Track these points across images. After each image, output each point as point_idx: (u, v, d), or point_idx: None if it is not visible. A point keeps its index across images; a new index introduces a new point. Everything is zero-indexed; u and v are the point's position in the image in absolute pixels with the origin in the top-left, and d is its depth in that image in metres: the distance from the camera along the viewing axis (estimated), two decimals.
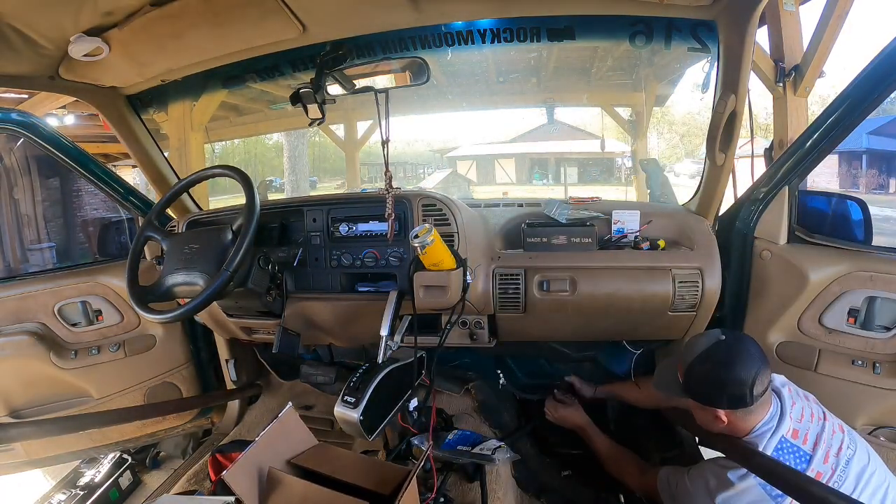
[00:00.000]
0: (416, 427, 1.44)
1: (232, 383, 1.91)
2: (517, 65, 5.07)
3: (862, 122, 1.12)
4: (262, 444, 1.03)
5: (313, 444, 1.12)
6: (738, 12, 1.13)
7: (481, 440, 1.46)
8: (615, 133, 10.32)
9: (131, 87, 1.61)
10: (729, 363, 1.02)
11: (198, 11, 1.21)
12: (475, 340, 1.49)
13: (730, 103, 1.21)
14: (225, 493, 1.25)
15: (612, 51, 4.50)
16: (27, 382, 1.66)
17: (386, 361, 1.28)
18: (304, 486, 0.98)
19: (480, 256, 1.39)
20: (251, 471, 0.99)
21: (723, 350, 1.04)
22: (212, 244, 1.27)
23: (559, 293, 1.39)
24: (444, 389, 1.79)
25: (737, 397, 1.00)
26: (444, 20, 1.37)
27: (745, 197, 1.38)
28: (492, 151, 14.39)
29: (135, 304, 1.27)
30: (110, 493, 1.75)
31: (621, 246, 1.44)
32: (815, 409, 1.08)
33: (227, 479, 0.95)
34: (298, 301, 1.48)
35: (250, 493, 0.97)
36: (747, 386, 0.99)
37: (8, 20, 1.12)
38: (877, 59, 1.01)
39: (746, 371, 0.99)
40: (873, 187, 6.94)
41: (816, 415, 1.07)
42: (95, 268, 1.72)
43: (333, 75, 1.25)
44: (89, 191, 2.00)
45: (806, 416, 1.05)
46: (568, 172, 13.28)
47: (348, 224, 1.46)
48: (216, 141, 7.66)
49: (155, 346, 1.76)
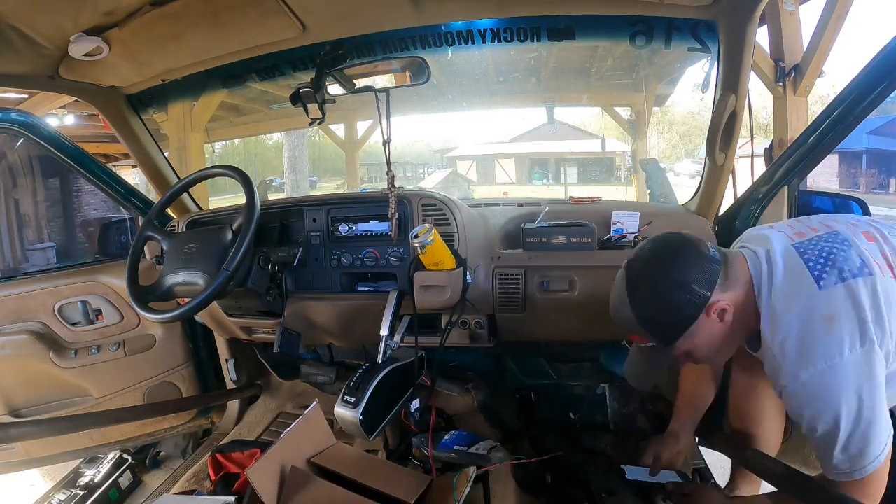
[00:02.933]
0: (417, 427, 1.44)
1: (232, 383, 1.91)
2: (517, 65, 5.08)
3: (862, 122, 1.12)
4: (287, 441, 1.03)
5: (333, 443, 1.12)
6: (738, 12, 1.14)
7: (478, 440, 1.46)
8: (615, 133, 10.33)
9: (131, 87, 1.61)
10: (662, 269, 0.86)
11: (198, 11, 1.21)
12: (475, 340, 1.49)
13: (730, 103, 1.21)
14: (225, 493, 1.26)
15: (612, 51, 4.51)
16: (27, 381, 1.66)
17: (386, 361, 1.28)
18: (330, 488, 0.97)
19: (480, 256, 1.39)
20: (274, 468, 0.99)
21: (642, 270, 0.88)
22: (212, 244, 1.27)
23: (559, 293, 1.39)
24: (444, 389, 1.79)
25: (701, 278, 0.82)
26: (444, 20, 1.37)
27: (745, 197, 1.38)
28: (492, 151, 14.41)
29: (135, 303, 1.27)
30: (110, 493, 1.75)
31: (621, 246, 1.44)
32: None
33: (249, 475, 0.95)
34: (298, 301, 1.48)
35: (270, 491, 0.97)
36: (695, 258, 0.83)
37: (8, 20, 1.12)
38: (876, 59, 1.01)
39: (678, 257, 0.85)
40: (873, 187, 6.94)
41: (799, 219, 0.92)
42: (95, 267, 1.72)
43: (333, 75, 1.25)
44: (89, 191, 2.01)
45: (790, 223, 0.91)
46: (568, 172, 13.30)
47: (348, 224, 1.46)
48: (216, 141, 7.67)
49: (155, 346, 1.76)
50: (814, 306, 0.76)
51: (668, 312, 0.85)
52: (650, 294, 0.86)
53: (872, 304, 0.74)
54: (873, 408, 0.74)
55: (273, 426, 1.88)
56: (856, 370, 0.73)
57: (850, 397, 0.73)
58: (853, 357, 0.74)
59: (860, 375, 0.73)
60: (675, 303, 0.84)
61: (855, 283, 0.75)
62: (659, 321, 0.87)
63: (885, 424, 0.75)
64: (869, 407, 0.73)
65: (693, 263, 0.83)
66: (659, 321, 0.87)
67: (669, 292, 0.84)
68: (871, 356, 0.73)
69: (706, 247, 0.86)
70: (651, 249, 0.90)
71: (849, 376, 0.73)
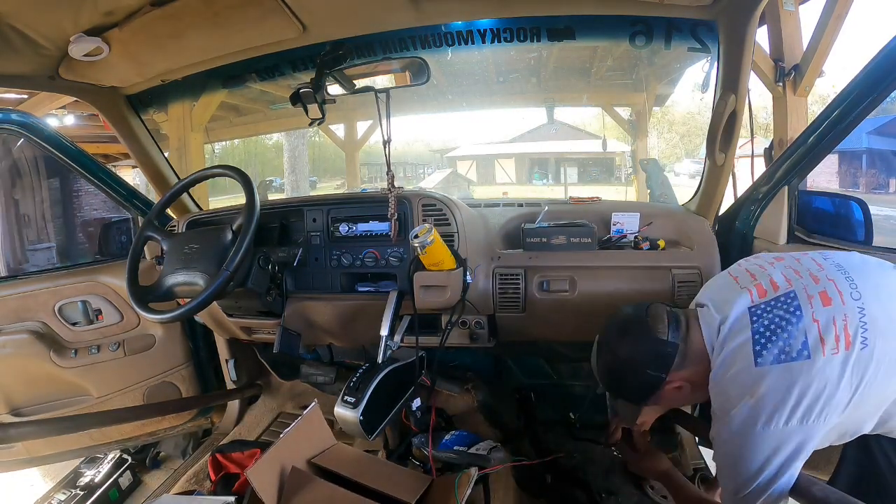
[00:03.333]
0: (417, 427, 1.44)
1: (232, 383, 1.91)
2: (517, 65, 5.07)
3: (862, 122, 1.12)
4: (286, 441, 1.03)
5: (333, 443, 1.12)
6: (738, 12, 1.14)
7: (478, 440, 1.46)
8: (615, 133, 10.32)
9: (131, 87, 1.61)
10: (618, 348, 0.94)
11: (198, 11, 1.21)
12: (475, 340, 1.49)
13: (730, 103, 1.21)
14: (225, 493, 1.26)
15: (612, 51, 4.51)
16: (27, 381, 1.67)
17: (386, 361, 1.28)
18: (330, 488, 0.97)
19: (480, 256, 1.39)
20: (274, 468, 0.99)
21: (606, 348, 0.97)
22: (212, 244, 1.27)
23: (559, 293, 1.39)
24: (444, 389, 1.79)
25: (656, 363, 0.89)
26: (444, 20, 1.37)
27: (745, 197, 1.38)
28: (492, 151, 14.39)
29: (135, 303, 1.27)
30: (110, 493, 1.75)
31: (621, 246, 1.44)
32: (766, 260, 0.93)
33: (249, 475, 0.95)
34: (298, 301, 1.48)
35: (271, 492, 0.97)
36: (650, 344, 0.89)
37: (8, 20, 1.12)
38: (876, 59, 1.01)
39: (634, 342, 0.91)
40: (873, 187, 6.93)
41: (768, 260, 0.93)
42: (95, 267, 1.72)
43: (333, 75, 1.25)
44: (89, 191, 2.00)
45: (755, 271, 0.91)
46: (568, 172, 13.28)
47: (348, 224, 1.46)
48: (216, 141, 7.67)
49: (155, 346, 1.76)
50: (745, 379, 0.80)
51: (627, 388, 0.97)
52: (610, 372, 0.98)
53: (800, 390, 0.76)
54: (780, 478, 0.78)
55: (273, 426, 1.88)
56: (770, 444, 0.77)
57: (758, 463, 0.78)
58: (767, 432, 0.77)
59: (772, 449, 0.77)
60: (632, 382, 0.94)
61: (788, 367, 0.77)
62: (621, 393, 1.00)
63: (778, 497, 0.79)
64: (768, 480, 0.78)
65: (647, 348, 0.90)
66: (621, 393, 1.00)
67: (626, 373, 0.94)
68: (792, 434, 0.76)
69: (665, 327, 0.90)
70: (614, 327, 0.98)
71: (761, 447, 0.78)
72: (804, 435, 0.76)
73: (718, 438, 0.84)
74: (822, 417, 0.75)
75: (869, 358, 0.75)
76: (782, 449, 0.77)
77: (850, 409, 0.76)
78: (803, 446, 0.77)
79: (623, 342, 0.95)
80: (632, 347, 0.92)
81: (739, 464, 0.80)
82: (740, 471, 0.80)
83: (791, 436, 0.76)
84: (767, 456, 0.78)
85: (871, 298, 0.79)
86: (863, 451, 0.99)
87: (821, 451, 1.22)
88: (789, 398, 0.76)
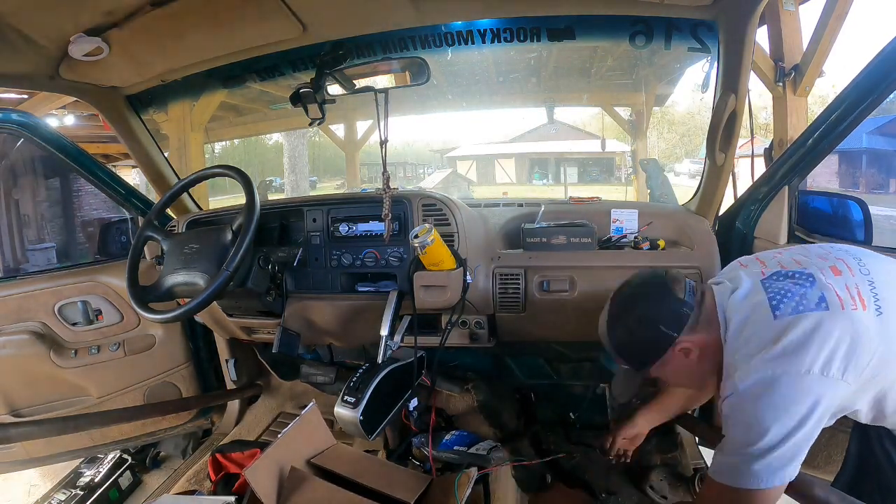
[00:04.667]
0: (417, 427, 1.44)
1: (232, 383, 1.91)
2: (517, 65, 5.08)
3: (862, 122, 1.12)
4: (285, 441, 1.03)
5: (332, 443, 1.12)
6: (738, 12, 1.13)
7: (478, 440, 1.46)
8: (615, 133, 10.33)
9: (131, 87, 1.60)
10: (634, 303, 0.94)
11: (198, 11, 1.21)
12: (475, 340, 1.49)
13: (730, 103, 1.21)
14: (225, 493, 1.26)
15: (612, 51, 4.52)
16: (27, 381, 1.67)
17: (386, 361, 1.28)
18: (329, 488, 0.97)
19: (480, 256, 1.39)
20: (272, 469, 0.99)
21: (621, 304, 0.96)
22: (212, 244, 1.27)
23: (559, 293, 1.39)
24: (444, 389, 1.79)
25: (670, 319, 0.89)
26: (444, 20, 1.37)
27: (745, 197, 1.38)
28: (492, 151, 14.41)
29: (135, 304, 1.27)
30: (110, 493, 1.75)
31: (621, 246, 1.44)
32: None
33: (248, 475, 0.95)
34: (298, 301, 1.48)
35: (269, 492, 0.97)
36: (667, 300, 0.89)
37: (8, 20, 1.12)
38: (876, 59, 1.01)
39: (651, 297, 0.92)
40: (873, 187, 6.93)
41: (775, 250, 0.95)
42: (95, 268, 1.72)
43: (333, 75, 1.25)
44: (89, 191, 2.00)
45: (764, 257, 0.94)
46: (568, 172, 13.30)
47: (348, 224, 1.46)
48: (216, 141, 7.68)
49: (155, 346, 1.76)
50: (765, 332, 0.80)
51: (636, 345, 0.95)
52: (623, 327, 0.96)
53: (821, 337, 0.75)
54: (792, 436, 0.74)
55: (273, 426, 1.88)
56: (790, 393, 0.75)
57: (779, 416, 0.75)
58: (787, 380, 0.75)
59: (791, 399, 0.75)
60: (642, 338, 0.93)
61: (808, 316, 0.77)
62: (629, 351, 0.97)
63: (794, 461, 0.76)
64: (790, 433, 0.74)
65: (664, 304, 0.90)
66: (629, 351, 0.97)
67: (638, 328, 0.93)
68: (811, 385, 0.74)
69: (683, 289, 0.91)
70: (632, 285, 0.98)
71: (784, 394, 0.75)
72: (821, 389, 0.74)
73: (735, 393, 0.80)
74: (842, 372, 0.74)
75: (883, 327, 0.76)
76: (801, 401, 0.74)
77: (870, 370, 0.75)
78: (819, 401, 0.74)
79: (639, 297, 0.94)
80: (649, 303, 0.92)
81: (754, 420, 0.77)
82: (752, 424, 0.77)
83: (812, 387, 0.74)
84: (786, 405, 0.75)
85: (881, 277, 0.81)
86: (864, 447, 0.98)
87: (821, 451, 1.24)
88: (810, 345, 0.75)
